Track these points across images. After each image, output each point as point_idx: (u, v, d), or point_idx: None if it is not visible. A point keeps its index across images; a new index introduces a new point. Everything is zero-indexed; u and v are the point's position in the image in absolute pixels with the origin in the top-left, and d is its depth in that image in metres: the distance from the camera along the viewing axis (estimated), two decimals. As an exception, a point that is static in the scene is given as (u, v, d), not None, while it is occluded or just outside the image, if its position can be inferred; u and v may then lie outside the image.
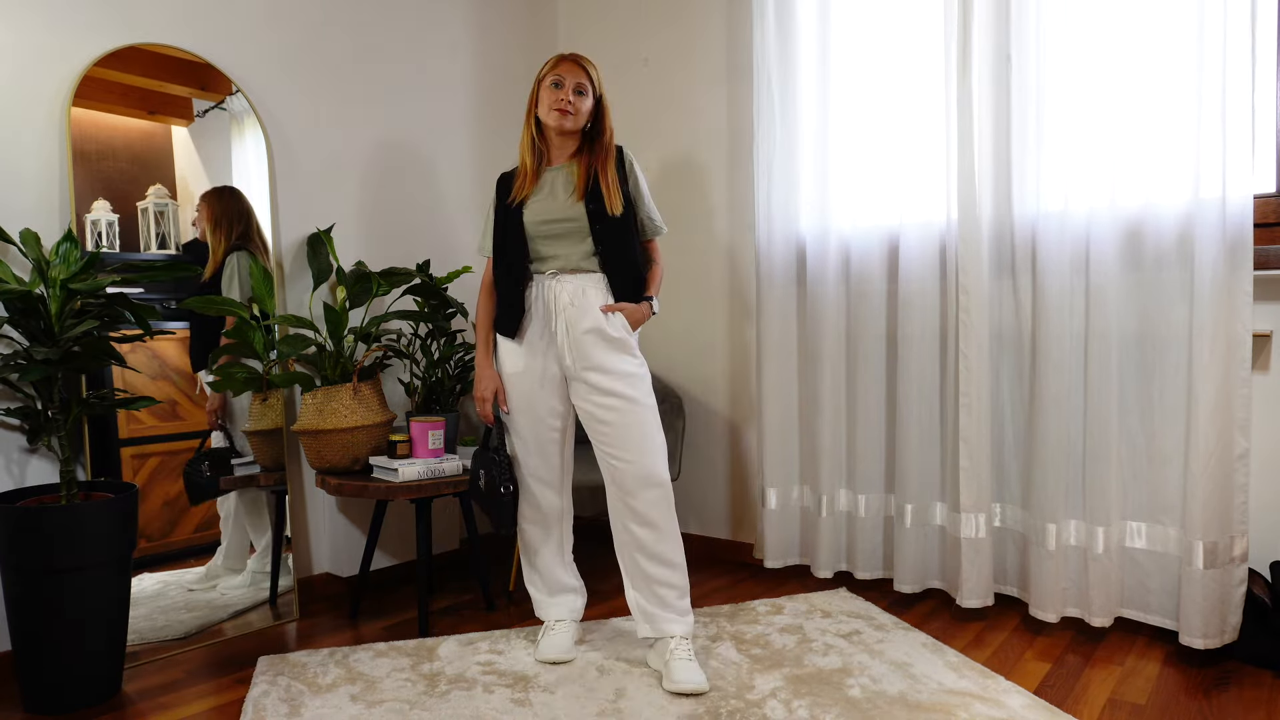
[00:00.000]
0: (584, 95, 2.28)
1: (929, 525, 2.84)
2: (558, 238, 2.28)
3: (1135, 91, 2.45)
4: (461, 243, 3.42)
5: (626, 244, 2.29)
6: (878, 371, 2.92)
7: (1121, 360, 2.50)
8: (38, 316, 2.12)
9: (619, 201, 2.26)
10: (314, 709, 2.08)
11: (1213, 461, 2.31)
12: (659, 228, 2.41)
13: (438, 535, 3.27)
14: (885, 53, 2.85)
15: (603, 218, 2.25)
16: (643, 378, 2.28)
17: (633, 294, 2.30)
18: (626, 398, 2.23)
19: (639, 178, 2.36)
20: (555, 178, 2.32)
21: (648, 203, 2.39)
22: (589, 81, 2.29)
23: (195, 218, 2.64)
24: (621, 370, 2.24)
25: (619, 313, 2.26)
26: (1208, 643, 2.31)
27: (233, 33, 2.74)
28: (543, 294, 2.29)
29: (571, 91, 2.26)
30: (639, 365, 2.29)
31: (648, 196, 2.39)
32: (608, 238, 2.26)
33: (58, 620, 2.08)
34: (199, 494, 2.63)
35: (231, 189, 2.71)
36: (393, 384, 3.13)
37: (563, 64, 2.29)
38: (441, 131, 3.35)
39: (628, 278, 2.29)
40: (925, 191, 2.80)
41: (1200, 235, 2.32)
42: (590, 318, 2.24)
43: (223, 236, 2.65)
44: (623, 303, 2.27)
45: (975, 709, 2.03)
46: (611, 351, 2.25)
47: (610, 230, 2.26)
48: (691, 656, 2.21)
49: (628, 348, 2.27)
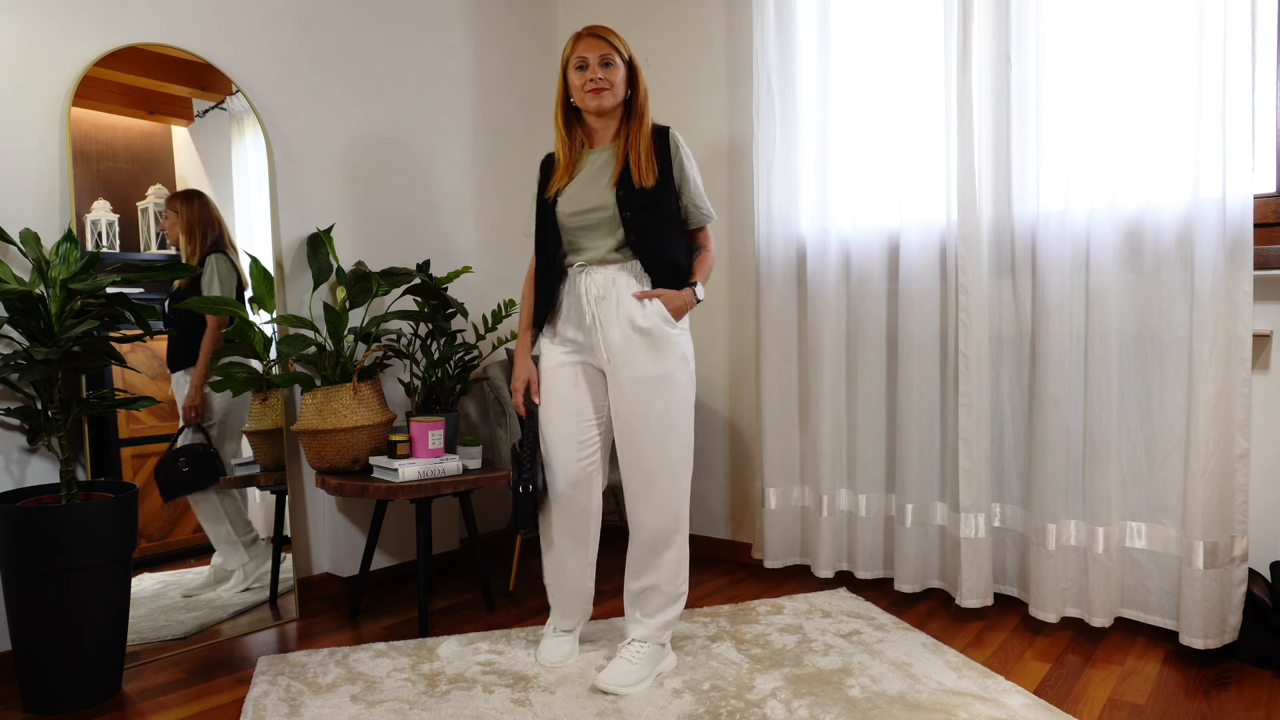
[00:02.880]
0: (612, 66, 2.15)
1: (929, 525, 2.84)
2: (589, 229, 2.17)
3: (1135, 91, 2.45)
4: (461, 243, 3.42)
5: (660, 226, 2.15)
6: (878, 371, 2.92)
7: (1121, 360, 2.50)
8: (38, 316, 2.12)
9: (651, 174, 2.12)
10: (314, 709, 2.08)
11: (1213, 461, 2.31)
12: (707, 215, 2.25)
13: (438, 535, 3.27)
14: (885, 53, 2.85)
15: (632, 201, 2.12)
16: (676, 382, 2.14)
17: (672, 281, 2.16)
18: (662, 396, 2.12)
19: (684, 160, 2.21)
20: (596, 160, 2.22)
21: (694, 188, 2.22)
22: (614, 50, 2.16)
23: (163, 222, 2.58)
24: (650, 374, 2.12)
25: (656, 299, 2.13)
26: (1208, 643, 2.31)
27: (233, 33, 2.74)
28: (575, 289, 2.20)
29: (599, 66, 2.14)
30: (678, 363, 2.15)
31: (695, 181, 2.23)
32: (638, 223, 2.12)
33: (58, 620, 2.08)
34: (171, 490, 2.60)
35: (201, 194, 2.66)
36: (393, 384, 3.13)
37: (581, 41, 2.17)
38: (442, 131, 3.35)
39: (663, 263, 2.15)
40: (925, 191, 2.80)
41: (1200, 235, 2.32)
42: (622, 308, 2.13)
43: (198, 243, 2.63)
44: (660, 289, 2.14)
45: (975, 709, 2.03)
46: (645, 349, 2.12)
47: (641, 212, 2.12)
48: (635, 659, 2.19)
49: (666, 341, 2.13)
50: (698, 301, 2.19)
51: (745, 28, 3.25)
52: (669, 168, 2.18)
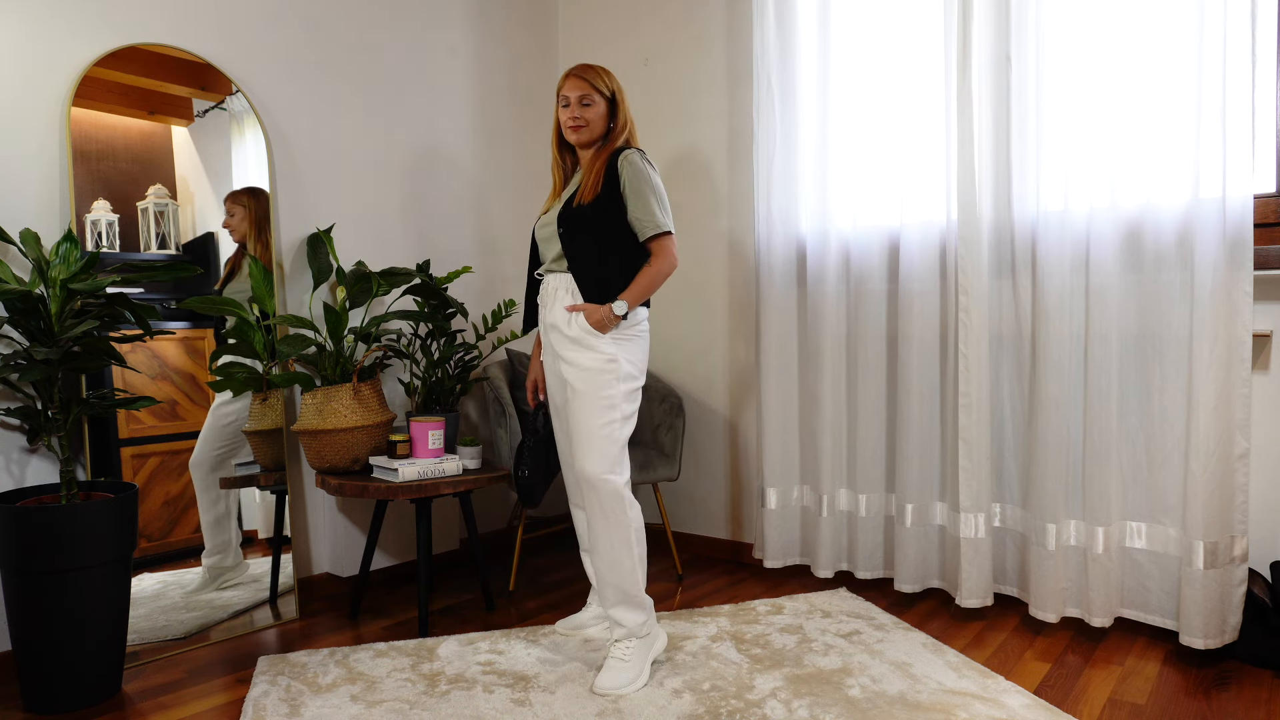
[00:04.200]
0: (590, 105, 2.32)
1: (929, 525, 2.84)
2: (546, 240, 2.37)
3: (1135, 91, 2.45)
4: (462, 243, 3.42)
5: (590, 243, 2.27)
6: (878, 371, 2.92)
7: (1121, 360, 2.50)
8: (38, 316, 2.12)
9: (591, 193, 2.26)
10: (314, 709, 2.08)
11: (1213, 461, 2.32)
12: (655, 226, 2.25)
13: (438, 535, 3.27)
14: (885, 53, 2.85)
15: (569, 219, 2.29)
16: (599, 371, 2.22)
17: (597, 294, 2.26)
18: (575, 390, 2.24)
19: (635, 176, 2.25)
20: (575, 181, 2.40)
21: (641, 202, 2.25)
22: (593, 89, 2.32)
23: (228, 218, 2.69)
24: (577, 363, 2.24)
25: (579, 313, 2.27)
26: (1208, 643, 2.31)
27: (233, 33, 2.74)
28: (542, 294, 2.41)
29: (578, 105, 2.32)
30: (604, 361, 2.22)
31: (643, 195, 2.25)
32: (570, 237, 2.29)
33: (58, 620, 2.08)
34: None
35: (261, 190, 2.78)
36: (393, 384, 3.13)
37: (567, 81, 2.34)
38: (442, 131, 3.35)
39: (590, 278, 2.27)
40: (925, 192, 2.80)
41: (1200, 235, 2.32)
42: (555, 315, 2.31)
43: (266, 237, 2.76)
44: (585, 304, 2.27)
45: (975, 709, 2.03)
46: (570, 346, 2.27)
47: (574, 229, 2.28)
48: (627, 656, 2.21)
49: (590, 345, 2.24)
50: (619, 317, 2.23)
51: (745, 28, 3.25)
52: (616, 185, 2.27)
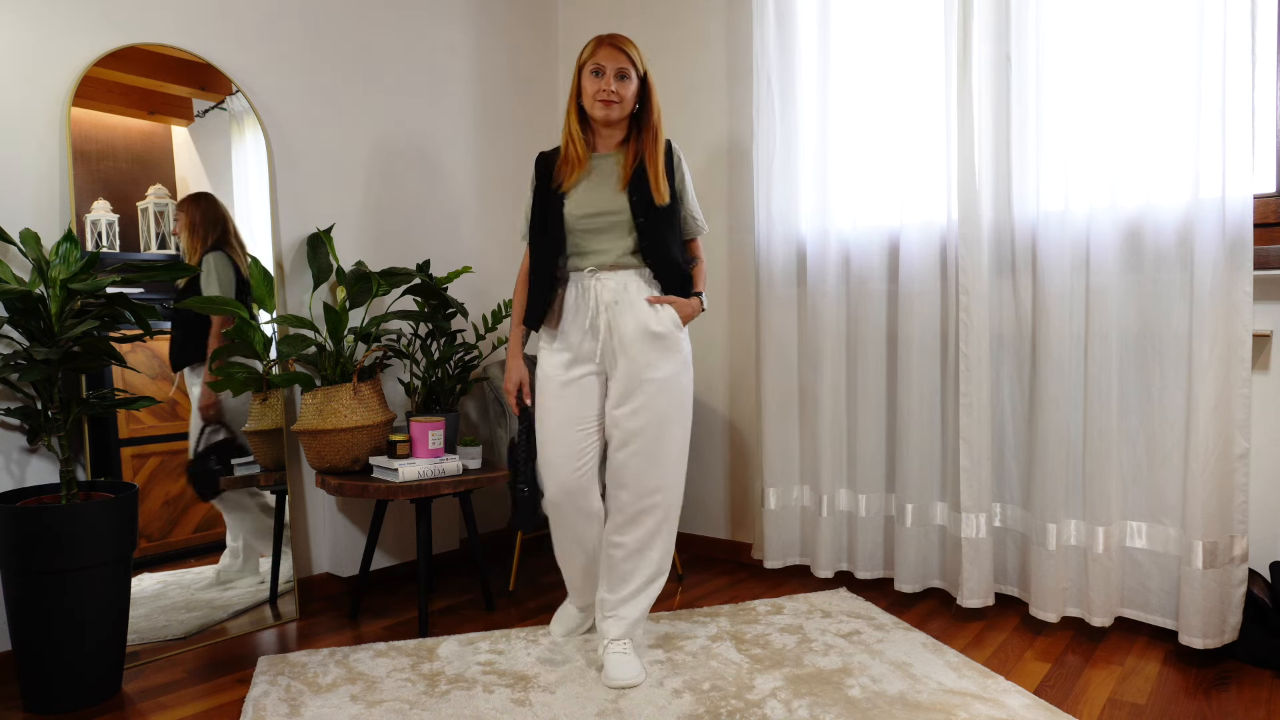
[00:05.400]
0: (627, 80, 2.17)
1: (929, 525, 2.84)
2: (600, 232, 2.19)
3: (1135, 91, 2.45)
4: (462, 243, 3.42)
5: (671, 238, 2.23)
6: (878, 371, 2.92)
7: (1121, 360, 2.50)
8: (38, 316, 2.12)
9: (666, 190, 2.19)
10: (314, 709, 2.08)
11: (1213, 461, 2.32)
12: (701, 226, 2.36)
13: (438, 535, 3.27)
14: (885, 53, 2.85)
15: (648, 209, 2.17)
16: (677, 375, 2.21)
17: (679, 289, 2.24)
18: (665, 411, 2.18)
19: (685, 174, 2.30)
20: (601, 166, 2.24)
21: (692, 200, 2.33)
22: (631, 65, 2.18)
23: (174, 226, 2.63)
24: (658, 372, 2.18)
25: (668, 306, 2.20)
26: (1207, 643, 2.31)
27: (233, 33, 2.74)
28: (581, 293, 2.22)
29: (614, 78, 2.16)
30: (681, 364, 2.22)
31: (692, 194, 2.33)
32: (652, 231, 2.18)
33: (58, 620, 2.08)
34: (210, 491, 2.65)
35: (207, 195, 2.68)
36: (393, 384, 3.13)
37: (601, 49, 2.18)
38: (442, 131, 3.35)
39: (673, 272, 2.22)
40: (925, 192, 2.80)
41: (1200, 235, 2.32)
42: (636, 313, 2.18)
43: (198, 242, 2.65)
44: (673, 296, 2.21)
45: (975, 709, 2.03)
46: (657, 351, 2.18)
47: (655, 223, 2.18)
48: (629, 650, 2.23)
49: (675, 345, 2.20)
50: (703, 309, 2.28)
51: (745, 28, 3.25)
52: (673, 180, 2.25)
